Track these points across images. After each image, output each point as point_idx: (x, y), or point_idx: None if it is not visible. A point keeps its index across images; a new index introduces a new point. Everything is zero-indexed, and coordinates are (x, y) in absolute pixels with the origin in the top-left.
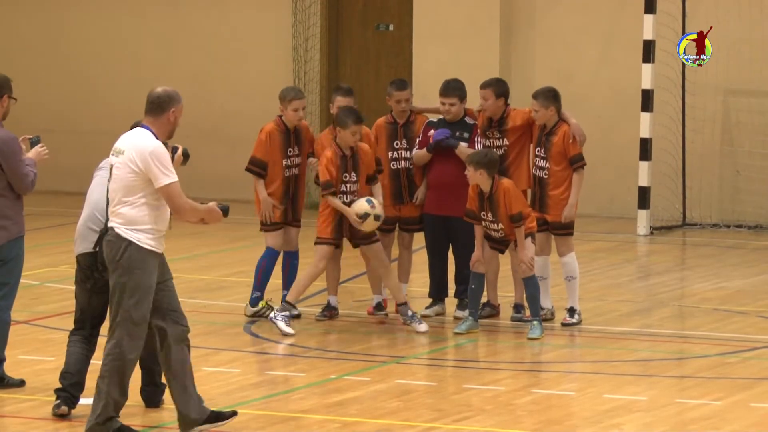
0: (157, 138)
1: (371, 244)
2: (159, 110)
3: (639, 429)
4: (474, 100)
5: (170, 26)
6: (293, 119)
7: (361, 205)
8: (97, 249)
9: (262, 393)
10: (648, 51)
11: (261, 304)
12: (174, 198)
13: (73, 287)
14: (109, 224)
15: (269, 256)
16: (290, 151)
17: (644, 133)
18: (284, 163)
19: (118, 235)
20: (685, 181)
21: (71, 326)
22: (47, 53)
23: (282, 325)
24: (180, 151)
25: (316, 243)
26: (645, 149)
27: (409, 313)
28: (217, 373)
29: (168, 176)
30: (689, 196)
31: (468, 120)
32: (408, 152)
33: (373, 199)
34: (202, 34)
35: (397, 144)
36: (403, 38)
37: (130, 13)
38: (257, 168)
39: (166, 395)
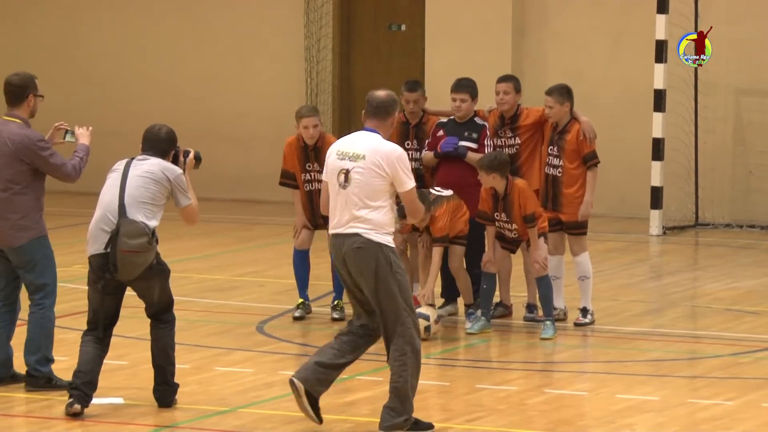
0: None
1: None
2: (385, 114)
3: (651, 429)
4: (485, 100)
5: (182, 26)
6: (305, 137)
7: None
8: (108, 250)
9: (275, 393)
10: (660, 51)
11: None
12: (415, 201)
13: (85, 287)
14: (352, 230)
15: (293, 257)
16: (309, 167)
17: (656, 133)
18: (303, 177)
19: (370, 240)
20: (697, 181)
21: (84, 326)
22: (58, 53)
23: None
24: (192, 155)
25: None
26: (657, 149)
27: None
28: (229, 372)
29: (412, 180)
30: (701, 196)
31: (478, 120)
32: (418, 153)
33: (431, 317)
34: (214, 34)
35: (408, 144)
36: (415, 38)
37: (142, 13)
38: (286, 179)
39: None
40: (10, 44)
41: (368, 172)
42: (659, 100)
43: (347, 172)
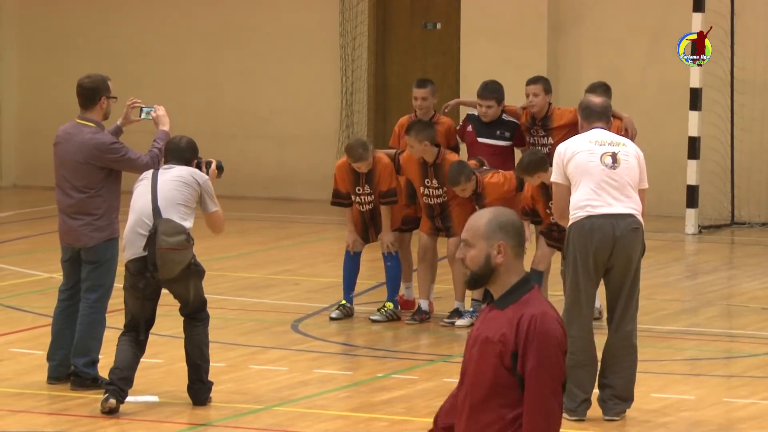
0: None
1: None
2: (608, 117)
3: (687, 428)
4: (521, 99)
5: (217, 24)
6: (357, 169)
7: None
8: (146, 252)
9: (310, 391)
10: None
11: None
12: (643, 200)
13: (121, 285)
14: (628, 210)
15: (344, 258)
16: (359, 189)
17: (693, 131)
18: (353, 198)
19: (641, 224)
20: (733, 179)
21: (118, 324)
22: (93, 52)
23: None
24: (214, 165)
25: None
26: (693, 148)
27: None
28: (264, 371)
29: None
30: (738, 195)
31: (506, 117)
32: None
33: None
34: (250, 33)
35: None
36: (450, 36)
37: (178, 11)
38: (338, 199)
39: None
40: (44, 42)
41: (632, 158)
42: (695, 99)
43: (614, 155)
